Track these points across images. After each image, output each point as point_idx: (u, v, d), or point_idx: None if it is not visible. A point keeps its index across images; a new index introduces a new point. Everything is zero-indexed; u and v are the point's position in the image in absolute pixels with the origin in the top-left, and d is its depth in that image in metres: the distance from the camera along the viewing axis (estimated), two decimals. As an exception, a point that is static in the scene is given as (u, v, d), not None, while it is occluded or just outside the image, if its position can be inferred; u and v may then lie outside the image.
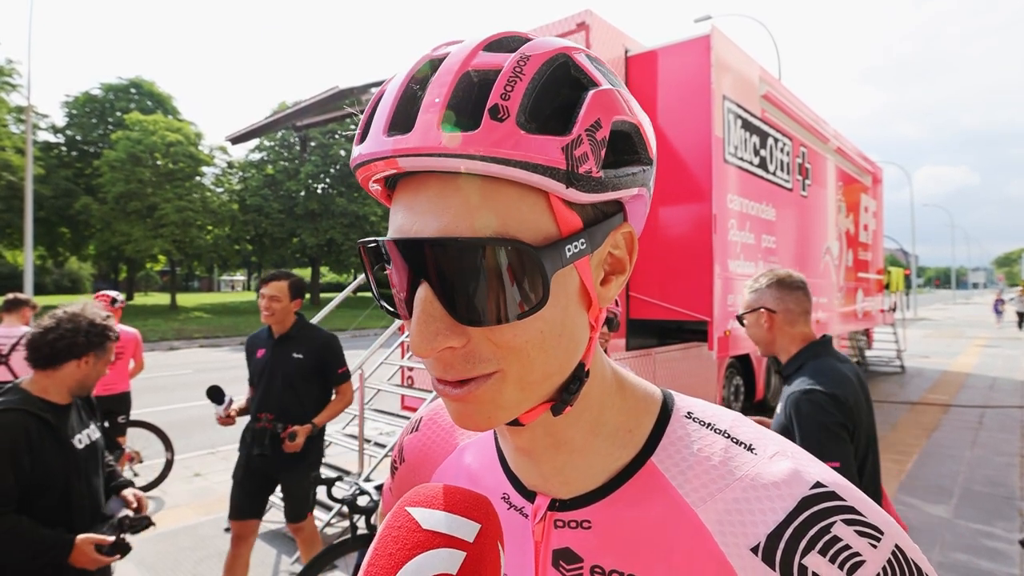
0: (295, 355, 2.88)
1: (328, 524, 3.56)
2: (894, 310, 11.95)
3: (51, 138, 28.91)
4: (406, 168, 0.39)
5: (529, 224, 0.39)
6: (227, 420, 2.90)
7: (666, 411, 0.50)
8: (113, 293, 4.65)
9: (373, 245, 0.42)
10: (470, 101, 0.38)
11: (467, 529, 0.39)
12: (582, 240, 0.41)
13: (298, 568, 3.42)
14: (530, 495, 0.51)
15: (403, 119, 0.39)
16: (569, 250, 0.40)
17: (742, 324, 1.92)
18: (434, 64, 0.40)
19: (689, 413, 0.50)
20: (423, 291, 0.39)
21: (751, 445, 0.46)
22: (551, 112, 0.39)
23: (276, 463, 2.86)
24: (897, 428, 6.87)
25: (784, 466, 0.44)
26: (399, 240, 0.39)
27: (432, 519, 0.39)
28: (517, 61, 0.39)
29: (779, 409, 1.77)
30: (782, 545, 0.41)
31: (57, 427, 1.78)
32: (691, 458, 0.47)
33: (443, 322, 0.39)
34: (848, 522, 0.40)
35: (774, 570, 0.40)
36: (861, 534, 0.40)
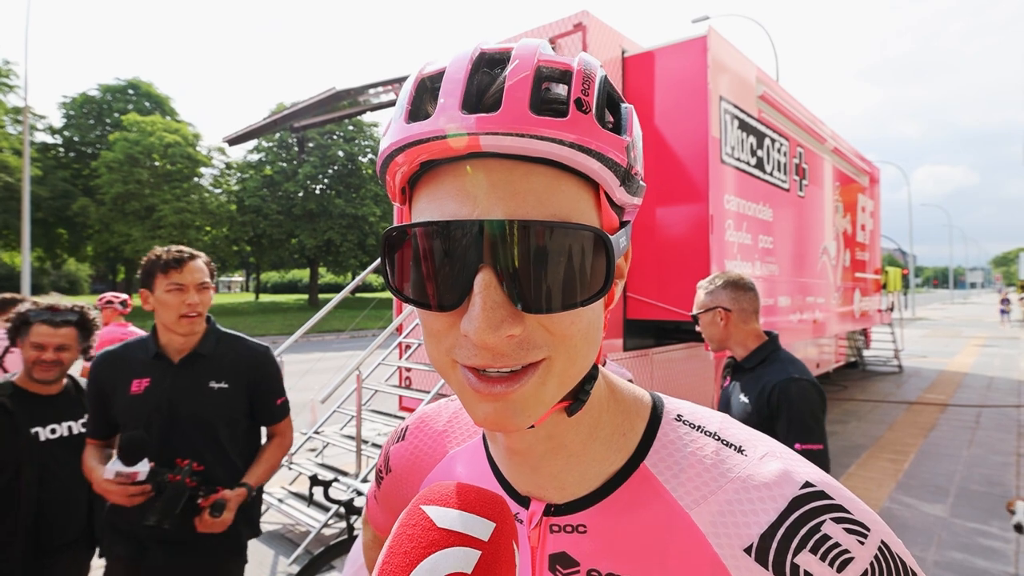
0: (214, 384, 1.81)
1: (325, 525, 3.56)
2: (892, 310, 11.97)
3: (48, 139, 28.89)
4: (488, 148, 0.37)
5: (584, 217, 0.40)
6: (134, 492, 1.60)
7: (656, 414, 0.51)
8: (123, 295, 4.75)
9: (396, 232, 0.40)
10: (550, 91, 0.39)
11: (482, 528, 0.39)
12: (624, 237, 0.44)
13: (295, 569, 3.42)
14: (524, 500, 0.51)
15: (476, 100, 0.38)
16: (621, 243, 0.43)
17: (696, 323, 2.02)
18: (492, 57, 0.41)
19: (679, 416, 0.51)
20: (486, 277, 0.37)
21: (741, 447, 0.47)
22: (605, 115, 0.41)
23: (181, 555, 1.73)
24: (894, 428, 6.88)
25: (774, 467, 0.45)
26: (468, 222, 0.37)
27: (447, 517, 0.39)
28: (584, 63, 0.41)
29: (744, 398, 1.88)
30: (774, 545, 0.42)
31: (14, 413, 1.88)
32: (683, 461, 0.47)
33: (506, 309, 0.37)
34: (837, 520, 0.42)
35: (767, 569, 0.41)
36: (849, 531, 0.41)
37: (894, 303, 12.39)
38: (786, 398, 1.75)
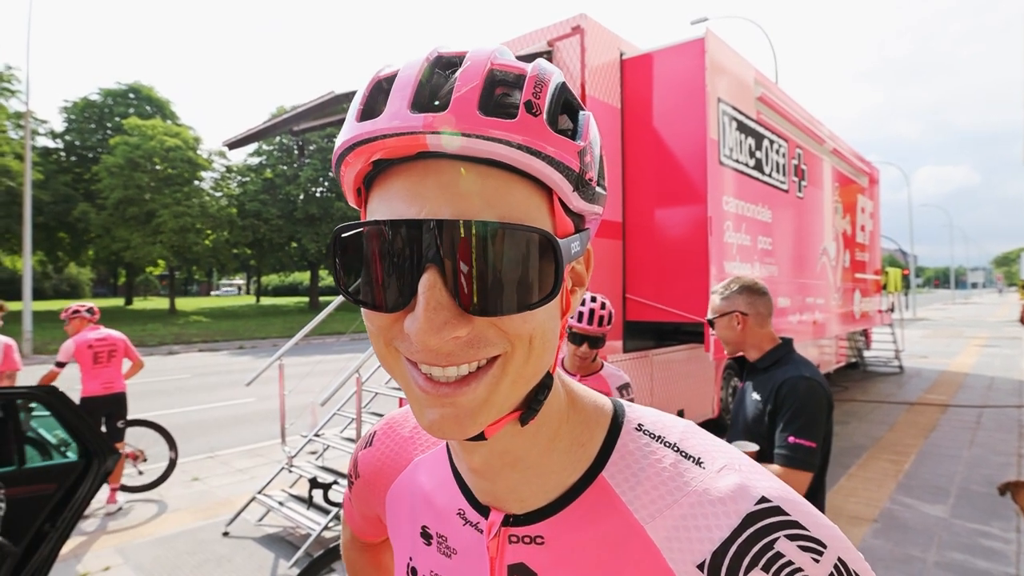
0: None
1: (326, 528, 3.56)
2: (892, 310, 11.96)
3: (50, 143, 28.90)
4: (435, 147, 0.37)
5: (535, 221, 0.39)
6: None
7: (616, 423, 0.50)
8: (88, 304, 4.84)
9: (349, 233, 0.39)
10: (500, 95, 0.39)
11: None
12: (576, 243, 0.43)
13: (295, 572, 3.42)
14: (484, 510, 0.51)
15: (427, 101, 0.38)
16: (572, 248, 0.42)
17: (712, 327, 2.07)
18: (448, 59, 0.41)
19: (639, 425, 0.50)
20: (431, 277, 0.36)
21: (700, 459, 0.47)
22: (561, 120, 0.41)
23: None
24: (895, 428, 6.87)
25: (731, 481, 0.44)
26: (415, 221, 0.37)
27: None
28: (539, 68, 0.41)
29: (757, 396, 1.93)
30: (727, 562, 0.41)
31: None
32: (641, 473, 0.47)
33: (451, 310, 0.37)
34: (791, 537, 0.41)
35: None
36: (804, 548, 0.41)
37: (894, 303, 12.38)
38: (794, 392, 1.81)
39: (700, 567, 0.42)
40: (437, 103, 0.38)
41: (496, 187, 0.38)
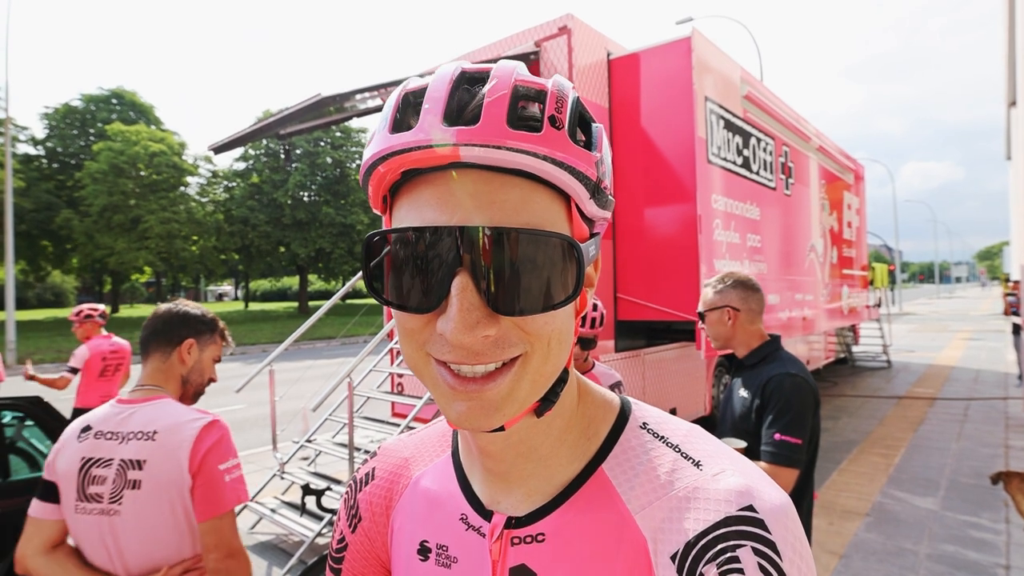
0: None
1: (319, 534, 3.53)
2: (879, 305, 12.10)
3: (31, 150, 28.49)
4: (467, 158, 0.39)
5: (557, 227, 0.42)
6: None
7: (622, 419, 0.52)
8: (101, 307, 4.63)
9: (379, 237, 0.42)
10: (525, 109, 0.42)
11: None
12: (592, 247, 0.46)
13: (289, 580, 3.39)
14: (487, 515, 0.51)
15: (457, 115, 0.40)
16: (590, 251, 0.45)
17: (702, 320, 2.06)
18: (472, 75, 0.43)
19: (644, 424, 0.52)
20: (463, 280, 0.39)
21: (699, 461, 0.47)
22: (578, 132, 0.44)
23: None
24: (884, 423, 6.94)
25: (724, 484, 0.44)
26: (448, 228, 0.39)
27: None
28: (559, 84, 0.43)
29: (744, 393, 1.92)
30: (693, 552, 0.42)
31: None
32: (639, 467, 0.48)
33: (481, 311, 0.39)
34: (758, 552, 0.41)
35: (681, 575, 0.42)
36: (762, 568, 0.40)
37: (881, 299, 12.53)
38: (779, 389, 1.81)
39: (673, 558, 0.43)
40: (468, 117, 0.40)
41: (521, 195, 0.41)
